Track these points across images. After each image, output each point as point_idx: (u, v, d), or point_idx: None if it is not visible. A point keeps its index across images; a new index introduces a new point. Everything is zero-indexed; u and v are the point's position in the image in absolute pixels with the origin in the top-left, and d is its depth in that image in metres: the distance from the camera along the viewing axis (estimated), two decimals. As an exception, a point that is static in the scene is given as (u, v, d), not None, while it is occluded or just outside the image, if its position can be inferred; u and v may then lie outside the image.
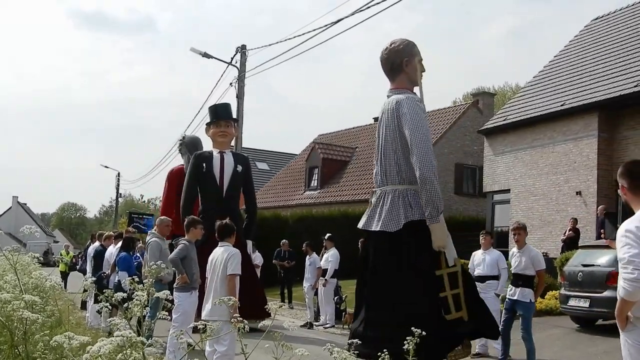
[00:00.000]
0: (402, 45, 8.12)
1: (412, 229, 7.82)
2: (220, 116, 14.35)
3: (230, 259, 7.71)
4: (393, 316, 7.69)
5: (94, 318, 14.26)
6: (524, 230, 10.11)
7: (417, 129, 7.77)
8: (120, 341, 2.76)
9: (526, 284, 9.75)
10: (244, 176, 14.05)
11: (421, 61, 8.06)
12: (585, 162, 21.70)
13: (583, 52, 25.81)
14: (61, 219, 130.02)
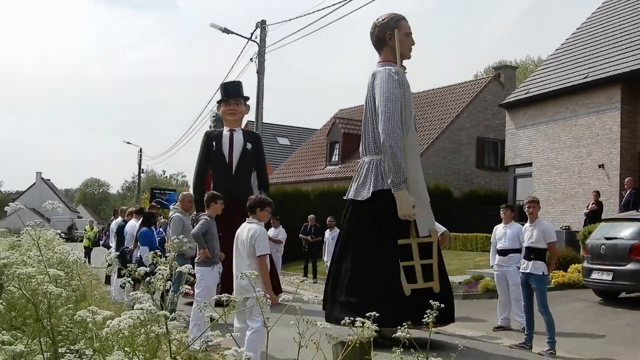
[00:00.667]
0: (386, 19, 8.25)
1: (381, 198, 7.99)
2: (229, 94, 14.32)
3: (257, 238, 7.56)
4: (374, 287, 7.88)
5: (117, 292, 14.38)
6: (538, 204, 10.25)
7: (384, 99, 7.91)
8: (140, 314, 2.78)
9: (538, 257, 9.77)
10: (254, 154, 13.95)
11: (409, 34, 8.07)
12: (608, 134, 21.51)
13: (605, 23, 25.47)
14: (84, 195, 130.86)
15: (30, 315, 3.77)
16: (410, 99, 8.38)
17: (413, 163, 8.15)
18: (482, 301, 14.72)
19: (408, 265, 7.82)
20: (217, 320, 3.16)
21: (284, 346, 7.88)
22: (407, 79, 8.40)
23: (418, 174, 8.27)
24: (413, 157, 8.15)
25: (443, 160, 32.64)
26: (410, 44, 8.20)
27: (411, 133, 8.22)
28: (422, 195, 8.02)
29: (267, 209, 7.93)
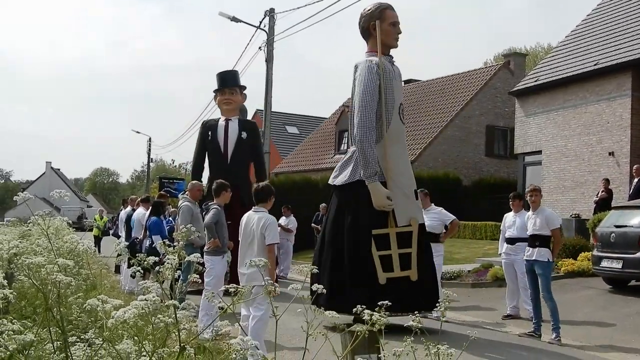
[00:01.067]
0: (371, 9, 8.34)
1: (357, 188, 8.20)
2: (225, 83, 14.30)
3: (268, 227, 7.55)
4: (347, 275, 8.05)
5: (128, 282, 14.43)
6: (540, 193, 10.34)
7: (361, 91, 8.09)
8: (145, 305, 2.78)
9: (543, 244, 9.83)
10: (250, 143, 13.81)
11: (395, 24, 8.12)
12: (618, 122, 21.42)
13: (616, 10, 25.32)
14: (94, 184, 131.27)
15: (40, 304, 3.79)
16: (396, 88, 8.42)
17: (396, 152, 8.26)
18: (491, 289, 14.72)
19: (385, 254, 7.96)
20: (226, 309, 3.17)
21: (292, 335, 7.90)
22: (394, 67, 8.47)
23: (401, 164, 8.38)
24: (397, 146, 8.27)
25: (452, 148, 32.57)
26: (396, 33, 8.28)
27: (395, 123, 8.30)
28: (404, 185, 8.18)
29: (273, 198, 7.96)
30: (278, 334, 3.39)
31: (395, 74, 8.41)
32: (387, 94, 8.14)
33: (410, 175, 8.31)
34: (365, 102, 8.04)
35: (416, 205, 8.28)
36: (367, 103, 8.04)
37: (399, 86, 8.45)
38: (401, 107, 8.31)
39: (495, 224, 23.66)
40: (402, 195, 8.11)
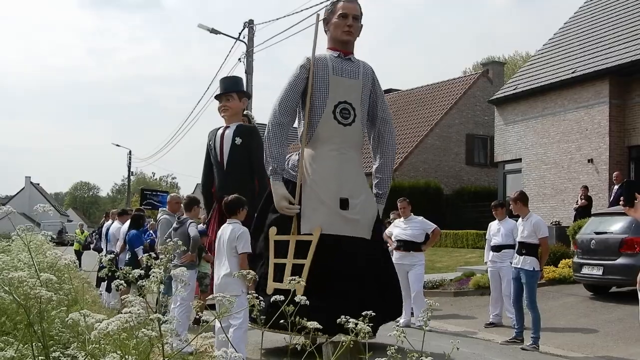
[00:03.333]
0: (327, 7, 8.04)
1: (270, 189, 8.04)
2: (220, 90, 14.24)
3: (239, 237, 7.53)
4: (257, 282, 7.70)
5: (108, 296, 14.35)
6: (515, 202, 10.06)
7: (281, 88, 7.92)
8: (129, 318, 2.78)
9: (529, 252, 9.74)
10: (245, 148, 13.52)
11: (344, 16, 7.68)
12: (596, 129, 21.59)
13: (593, 18, 25.56)
14: (74, 198, 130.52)
15: (21, 320, 3.76)
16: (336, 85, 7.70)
17: (322, 154, 7.63)
18: (474, 298, 14.75)
19: (280, 262, 7.35)
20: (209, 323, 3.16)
21: (276, 345, 7.88)
22: (343, 64, 7.83)
23: (327, 167, 7.49)
24: (325, 147, 7.64)
25: (433, 157, 32.68)
26: (345, 25, 7.71)
27: (325, 122, 7.53)
28: (325, 190, 7.44)
29: (243, 209, 7.93)
30: (261, 345, 3.39)
31: (339, 70, 7.59)
32: (315, 91, 7.55)
33: (340, 181, 7.37)
34: (279, 99, 7.84)
35: (335, 215, 7.21)
36: (279, 100, 7.82)
37: (344, 83, 7.56)
38: (341, 105, 7.51)
39: (476, 232, 23.75)
40: (315, 201, 7.33)
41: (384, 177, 7.97)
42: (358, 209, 7.39)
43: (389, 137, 8.01)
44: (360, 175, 7.73)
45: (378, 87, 8.07)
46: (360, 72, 7.70)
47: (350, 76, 7.65)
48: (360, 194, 7.53)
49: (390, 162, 8.12)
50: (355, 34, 7.74)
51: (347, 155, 7.49)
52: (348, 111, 7.49)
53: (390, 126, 8.06)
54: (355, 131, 7.59)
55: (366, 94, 7.88)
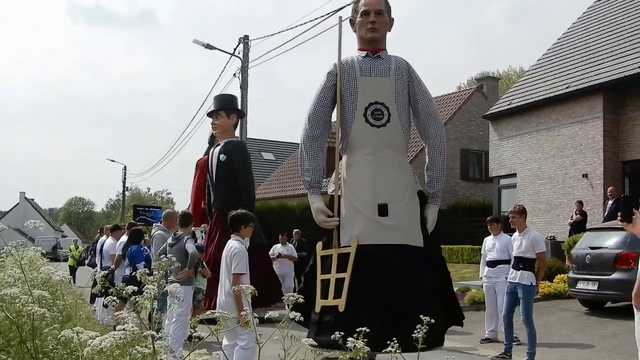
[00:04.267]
0: (352, 7, 7.65)
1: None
2: (212, 109, 14.39)
3: (234, 256, 7.46)
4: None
5: (103, 312, 14.28)
6: (519, 214, 10.06)
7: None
8: (123, 335, 2.76)
9: (527, 267, 9.72)
10: (229, 164, 13.46)
11: (366, 13, 7.25)
12: (591, 144, 21.64)
13: (586, 34, 25.68)
14: (69, 214, 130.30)
15: (14, 337, 3.73)
16: (364, 86, 7.19)
17: (357, 161, 7.24)
18: (469, 313, 14.69)
19: (325, 278, 6.87)
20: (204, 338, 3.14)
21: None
22: (372, 63, 7.32)
23: (360, 174, 7.06)
24: (359, 154, 7.26)
25: (428, 172, 32.66)
26: (368, 21, 7.34)
27: (357, 127, 7.10)
28: (360, 197, 7.06)
29: (251, 224, 7.89)
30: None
31: (367, 70, 7.13)
32: (344, 96, 7.19)
33: (377, 186, 6.90)
34: (308, 112, 7.52)
35: (372, 223, 6.75)
36: (309, 112, 7.48)
37: (373, 83, 7.08)
38: (372, 106, 7.07)
39: (472, 247, 23.74)
40: (352, 210, 6.88)
41: (434, 174, 6.99)
42: (398, 214, 6.79)
43: (435, 131, 7.16)
44: (403, 177, 7.06)
45: (416, 81, 7.22)
46: (392, 68, 7.14)
47: (380, 74, 7.13)
48: (402, 197, 6.92)
49: (439, 157, 7.06)
50: (382, 29, 7.18)
51: (384, 157, 6.96)
52: (381, 111, 6.97)
53: (434, 119, 7.00)
54: (392, 131, 7.02)
55: (402, 90, 7.06)
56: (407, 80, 7.11)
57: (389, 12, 7.23)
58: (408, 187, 6.95)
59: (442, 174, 7.11)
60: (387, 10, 7.26)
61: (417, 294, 6.53)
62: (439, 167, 7.30)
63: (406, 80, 7.10)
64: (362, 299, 6.40)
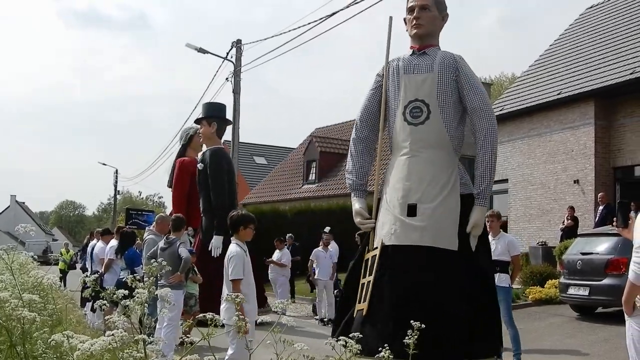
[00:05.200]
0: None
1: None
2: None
3: (230, 261, 7.32)
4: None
5: (93, 316, 14.22)
6: (497, 218, 10.32)
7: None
8: (112, 340, 2.75)
9: (503, 270, 9.92)
10: (205, 172, 13.51)
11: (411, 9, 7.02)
12: (582, 150, 21.70)
13: (578, 40, 25.77)
14: (60, 217, 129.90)
15: (4, 341, 3.71)
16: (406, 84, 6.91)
17: (395, 161, 7.00)
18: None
19: (364, 282, 6.64)
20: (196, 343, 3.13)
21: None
22: (408, 61, 7.01)
23: (395, 173, 6.78)
24: (397, 153, 7.01)
25: (420, 177, 32.69)
26: (413, 19, 7.09)
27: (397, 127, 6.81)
28: (391, 197, 6.78)
29: (251, 226, 7.69)
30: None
31: (411, 67, 6.84)
32: (389, 96, 6.93)
33: (409, 186, 6.61)
34: (358, 113, 7.26)
35: (399, 223, 6.46)
36: (358, 114, 7.20)
37: (415, 80, 6.77)
38: (411, 104, 6.76)
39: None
40: (385, 212, 6.64)
41: (480, 173, 6.60)
42: (427, 214, 6.42)
43: (480, 127, 6.72)
44: (440, 177, 6.65)
45: (464, 76, 6.70)
46: (436, 63, 6.78)
47: (423, 71, 6.82)
48: (435, 197, 6.52)
49: (484, 154, 6.66)
50: (428, 25, 6.82)
51: (420, 156, 6.63)
52: (419, 109, 6.66)
53: (480, 113, 6.76)
54: (431, 129, 6.68)
55: (446, 86, 6.61)
56: (453, 75, 6.74)
57: (439, 8, 6.85)
58: (445, 187, 6.56)
59: (488, 172, 6.59)
60: (437, 5, 6.79)
61: (438, 299, 6.16)
62: (485, 164, 6.50)
63: (452, 75, 6.73)
64: (383, 304, 6.21)
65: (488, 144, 6.69)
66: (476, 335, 6.06)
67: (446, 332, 5.90)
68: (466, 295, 6.15)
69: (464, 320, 6.02)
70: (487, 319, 6.32)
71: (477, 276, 6.34)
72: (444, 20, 6.92)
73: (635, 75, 19.70)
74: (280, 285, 18.60)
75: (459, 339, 5.94)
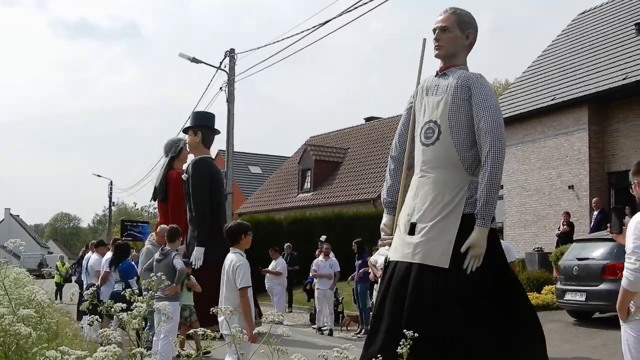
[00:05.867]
0: None
1: None
2: None
3: (237, 270, 7.32)
4: None
5: (90, 329, 14.17)
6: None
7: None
8: (105, 356, 2.73)
9: None
10: (187, 185, 13.52)
11: (433, 31, 7.15)
12: (577, 155, 21.74)
13: (571, 46, 25.84)
14: (55, 230, 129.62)
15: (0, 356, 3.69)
16: (425, 106, 7.07)
17: (411, 182, 7.17)
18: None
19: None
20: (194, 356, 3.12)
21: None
22: (430, 83, 7.12)
23: (408, 194, 6.93)
24: (413, 173, 7.21)
25: (415, 185, 32.74)
26: (433, 41, 7.19)
27: (415, 147, 6.98)
28: (401, 217, 6.98)
29: (250, 233, 7.69)
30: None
31: (432, 89, 6.98)
32: (416, 118, 7.08)
33: (414, 205, 6.78)
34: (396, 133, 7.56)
35: (400, 240, 6.66)
36: (396, 133, 7.53)
37: (432, 101, 6.90)
38: (426, 125, 6.89)
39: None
40: (397, 229, 6.82)
41: (479, 193, 6.54)
42: (422, 233, 6.54)
43: (483, 147, 6.56)
44: (443, 197, 6.71)
45: (475, 96, 6.64)
46: (452, 84, 6.85)
47: (440, 92, 6.91)
48: (434, 216, 6.60)
49: (484, 175, 6.50)
50: (447, 46, 6.91)
51: (429, 177, 6.76)
52: (432, 130, 6.74)
53: (485, 134, 6.61)
54: (440, 150, 6.76)
55: (458, 106, 6.67)
56: (466, 96, 6.74)
57: (461, 27, 6.86)
58: (447, 207, 6.61)
59: (484, 192, 6.51)
60: (460, 24, 6.85)
61: (422, 314, 6.19)
62: (482, 184, 6.58)
63: (465, 95, 6.74)
64: (380, 318, 6.35)
65: (488, 164, 6.57)
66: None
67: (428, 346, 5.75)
68: (452, 313, 6.12)
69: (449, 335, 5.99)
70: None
71: (471, 293, 6.27)
72: (469, 38, 6.88)
73: (629, 80, 19.75)
74: (277, 294, 18.59)
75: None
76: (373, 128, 39.02)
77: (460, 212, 6.49)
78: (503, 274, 6.66)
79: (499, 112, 6.61)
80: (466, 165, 6.64)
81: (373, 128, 39.02)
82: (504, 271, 6.73)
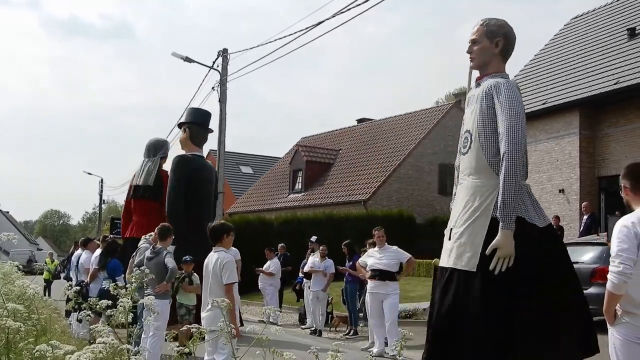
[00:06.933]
0: None
1: None
2: None
3: (224, 266, 7.40)
4: None
5: (78, 326, 14.12)
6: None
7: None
8: (103, 349, 2.72)
9: None
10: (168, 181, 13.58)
11: (469, 42, 7.41)
12: (567, 160, 21.80)
13: (563, 50, 25.92)
14: (44, 227, 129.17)
15: (-12, 351, 3.68)
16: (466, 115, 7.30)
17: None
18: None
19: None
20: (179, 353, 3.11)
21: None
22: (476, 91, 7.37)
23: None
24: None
25: (406, 186, 32.79)
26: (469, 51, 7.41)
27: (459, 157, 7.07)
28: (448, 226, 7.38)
29: (232, 233, 7.79)
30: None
31: (468, 102, 7.16)
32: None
33: (452, 212, 7.07)
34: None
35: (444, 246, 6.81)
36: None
37: (467, 113, 7.09)
38: (463, 135, 7.07)
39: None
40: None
41: (500, 197, 6.82)
42: (455, 238, 6.76)
43: (501, 152, 6.58)
44: (474, 202, 6.83)
45: (497, 102, 6.90)
46: (479, 93, 6.96)
47: (474, 102, 7.07)
48: (465, 221, 6.78)
49: (501, 178, 6.67)
50: (477, 57, 7.02)
51: (464, 184, 6.99)
52: (467, 139, 6.94)
53: (501, 138, 6.71)
54: (472, 157, 6.92)
55: (486, 114, 6.82)
56: (491, 103, 6.84)
57: (489, 36, 6.88)
58: (477, 211, 6.73)
59: (502, 195, 6.52)
60: (488, 34, 7.00)
61: (452, 317, 6.34)
62: (502, 190, 6.76)
63: (490, 102, 6.83)
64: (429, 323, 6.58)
65: (502, 167, 6.73)
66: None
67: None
68: (484, 314, 6.15)
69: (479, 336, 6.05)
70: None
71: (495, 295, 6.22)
72: (498, 46, 6.91)
73: (620, 85, 19.84)
74: (269, 294, 18.55)
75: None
76: (365, 130, 39.07)
77: (489, 216, 6.55)
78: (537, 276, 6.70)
79: (514, 115, 6.66)
80: (496, 170, 6.76)
81: (365, 130, 39.07)
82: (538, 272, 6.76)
